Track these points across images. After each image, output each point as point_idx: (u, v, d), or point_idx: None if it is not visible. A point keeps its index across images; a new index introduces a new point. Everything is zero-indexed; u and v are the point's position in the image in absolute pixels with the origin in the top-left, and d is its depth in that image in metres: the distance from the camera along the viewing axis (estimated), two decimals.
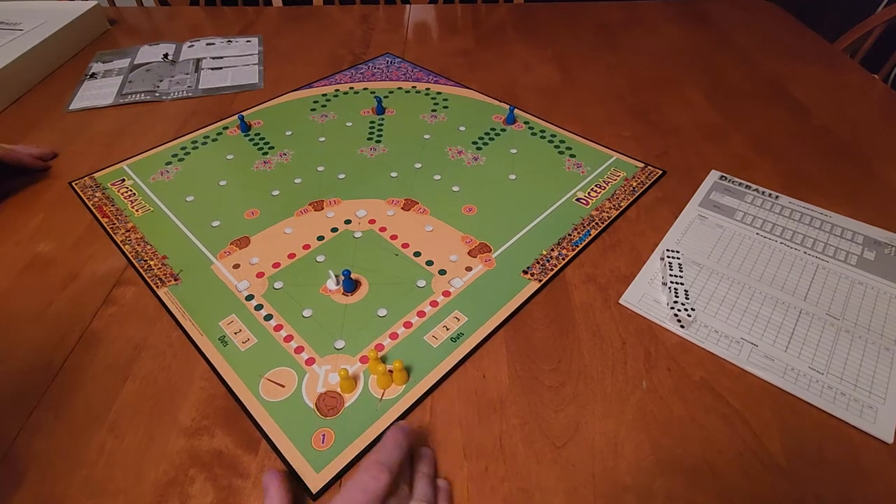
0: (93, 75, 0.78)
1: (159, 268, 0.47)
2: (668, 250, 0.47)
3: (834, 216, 0.52)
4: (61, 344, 0.40)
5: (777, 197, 0.54)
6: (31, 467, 0.33)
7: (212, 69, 0.79)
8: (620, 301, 0.44)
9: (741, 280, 0.45)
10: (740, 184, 0.56)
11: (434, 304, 0.43)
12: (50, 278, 0.46)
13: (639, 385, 0.38)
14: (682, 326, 0.41)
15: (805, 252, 0.48)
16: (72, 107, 0.70)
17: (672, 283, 0.44)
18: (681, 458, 0.34)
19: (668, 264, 0.45)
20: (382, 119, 0.67)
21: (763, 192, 0.55)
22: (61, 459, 0.34)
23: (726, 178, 0.57)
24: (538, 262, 0.47)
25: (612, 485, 0.32)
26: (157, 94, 0.73)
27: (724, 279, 0.45)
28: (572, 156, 0.60)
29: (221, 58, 0.82)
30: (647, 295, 0.44)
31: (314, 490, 0.32)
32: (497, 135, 0.64)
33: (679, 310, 0.41)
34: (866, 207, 0.53)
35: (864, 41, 0.87)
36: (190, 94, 0.73)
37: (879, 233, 0.50)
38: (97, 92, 0.73)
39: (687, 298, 0.42)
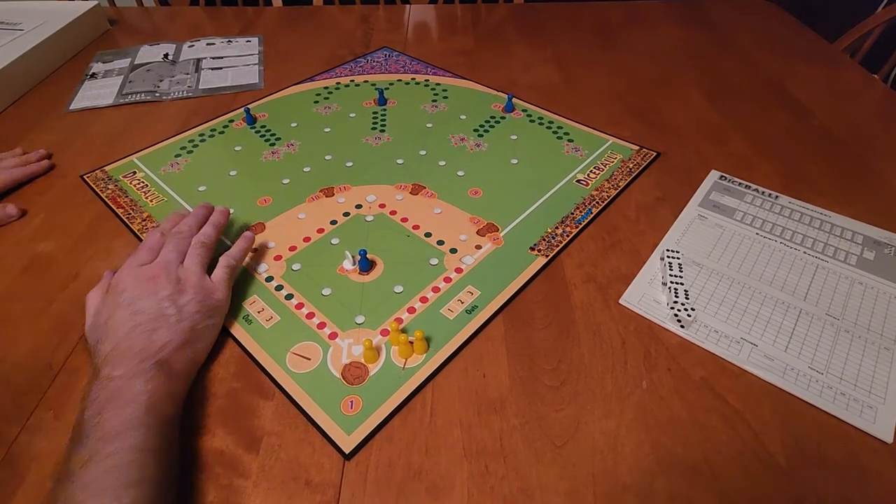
0: (93, 75, 0.78)
1: None
2: (668, 250, 0.47)
3: (834, 216, 0.52)
4: (62, 344, 0.40)
5: (777, 197, 0.54)
6: (31, 467, 0.33)
7: (212, 69, 0.79)
8: (620, 301, 0.44)
9: (741, 280, 0.45)
10: (740, 184, 0.56)
11: (448, 280, 0.45)
12: (50, 278, 0.46)
13: (639, 385, 0.38)
14: (682, 326, 0.41)
15: (805, 252, 0.48)
16: (72, 107, 0.70)
17: (672, 283, 0.44)
18: (681, 458, 0.34)
19: (668, 264, 0.45)
20: (385, 109, 0.69)
21: (763, 192, 0.55)
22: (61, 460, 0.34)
23: (726, 178, 0.57)
24: (544, 239, 0.49)
25: (612, 485, 0.32)
26: (158, 94, 0.73)
27: (724, 279, 0.45)
28: (570, 140, 0.63)
29: (221, 58, 0.82)
30: (647, 295, 0.44)
31: (347, 451, 0.34)
32: (497, 122, 0.66)
33: (679, 310, 0.41)
34: (866, 207, 0.53)
35: (864, 41, 0.87)
36: (190, 94, 0.73)
37: (879, 233, 0.50)
38: (97, 92, 0.73)
39: (687, 298, 0.42)
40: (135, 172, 0.58)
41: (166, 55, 0.83)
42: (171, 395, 0.34)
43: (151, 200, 0.54)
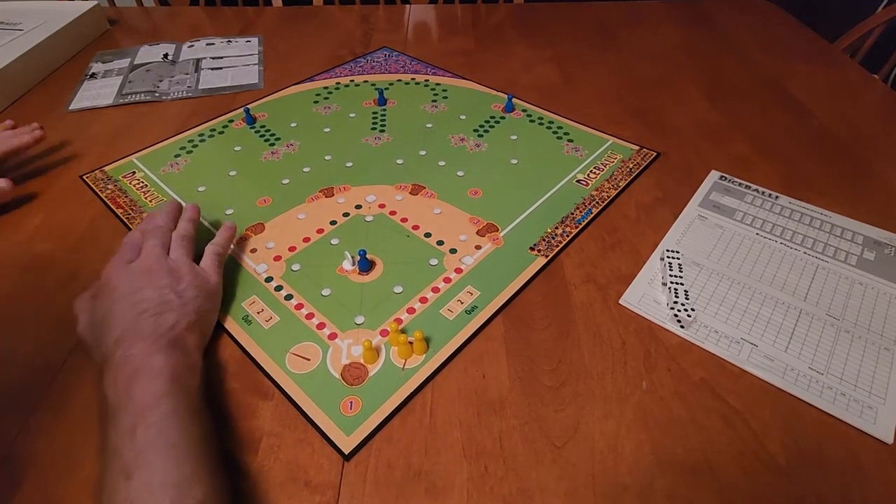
0: (93, 75, 0.78)
1: None
2: (668, 250, 0.47)
3: (834, 216, 0.52)
4: (61, 344, 0.40)
5: (777, 197, 0.54)
6: (30, 468, 0.33)
7: (212, 69, 0.79)
8: (620, 301, 0.44)
9: (741, 280, 0.45)
10: (740, 184, 0.56)
11: (447, 280, 0.45)
12: (50, 278, 0.46)
13: (639, 385, 0.38)
14: (682, 327, 0.41)
15: (805, 252, 0.48)
16: (72, 107, 0.70)
17: (672, 283, 0.44)
18: (681, 458, 0.34)
19: (668, 264, 0.45)
20: (384, 110, 0.69)
21: (763, 193, 0.55)
22: (61, 460, 0.34)
23: (726, 178, 0.57)
24: (544, 240, 0.49)
25: (612, 485, 0.32)
26: (157, 94, 0.73)
27: (724, 279, 0.45)
28: (570, 140, 0.63)
29: (221, 58, 0.82)
30: (647, 295, 0.44)
31: (346, 451, 0.34)
32: (497, 122, 0.66)
33: (679, 310, 0.41)
34: (866, 207, 0.53)
35: (864, 41, 0.87)
36: (190, 94, 0.73)
37: (879, 233, 0.50)
38: (97, 92, 0.73)
39: (687, 299, 0.42)
40: (134, 172, 0.58)
41: (166, 55, 0.83)
42: (191, 367, 0.35)
43: (151, 201, 0.54)
